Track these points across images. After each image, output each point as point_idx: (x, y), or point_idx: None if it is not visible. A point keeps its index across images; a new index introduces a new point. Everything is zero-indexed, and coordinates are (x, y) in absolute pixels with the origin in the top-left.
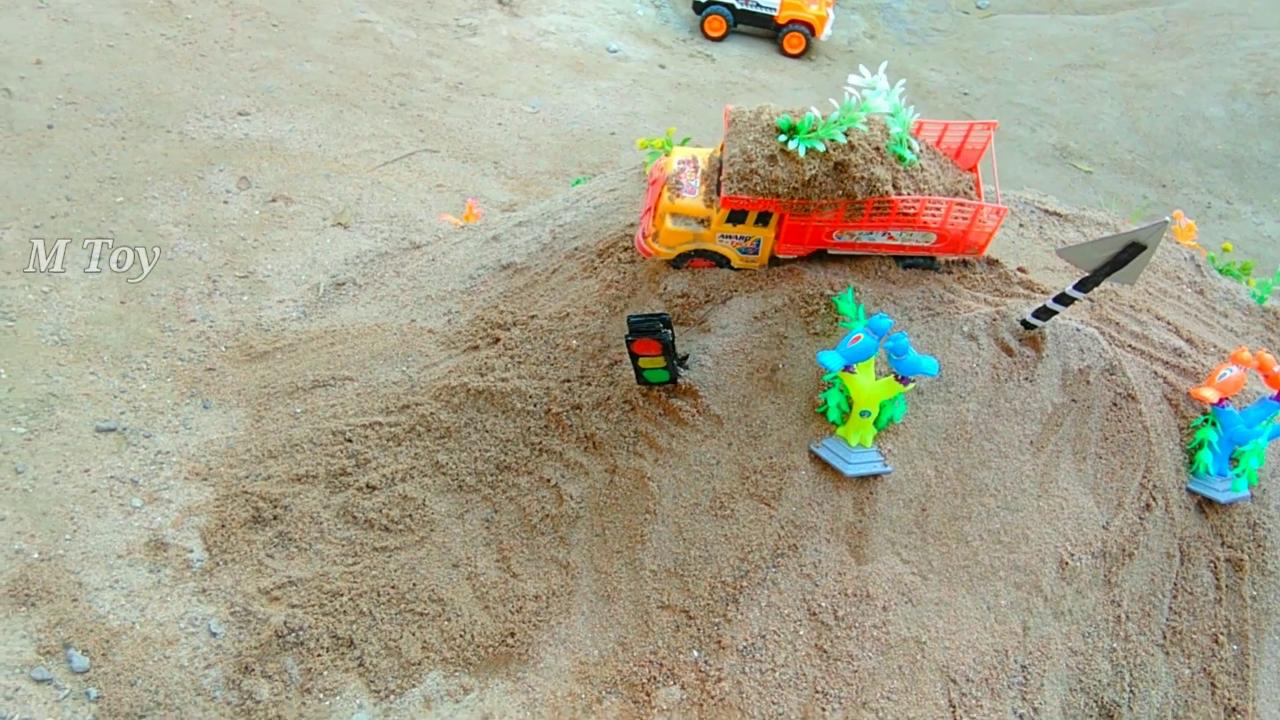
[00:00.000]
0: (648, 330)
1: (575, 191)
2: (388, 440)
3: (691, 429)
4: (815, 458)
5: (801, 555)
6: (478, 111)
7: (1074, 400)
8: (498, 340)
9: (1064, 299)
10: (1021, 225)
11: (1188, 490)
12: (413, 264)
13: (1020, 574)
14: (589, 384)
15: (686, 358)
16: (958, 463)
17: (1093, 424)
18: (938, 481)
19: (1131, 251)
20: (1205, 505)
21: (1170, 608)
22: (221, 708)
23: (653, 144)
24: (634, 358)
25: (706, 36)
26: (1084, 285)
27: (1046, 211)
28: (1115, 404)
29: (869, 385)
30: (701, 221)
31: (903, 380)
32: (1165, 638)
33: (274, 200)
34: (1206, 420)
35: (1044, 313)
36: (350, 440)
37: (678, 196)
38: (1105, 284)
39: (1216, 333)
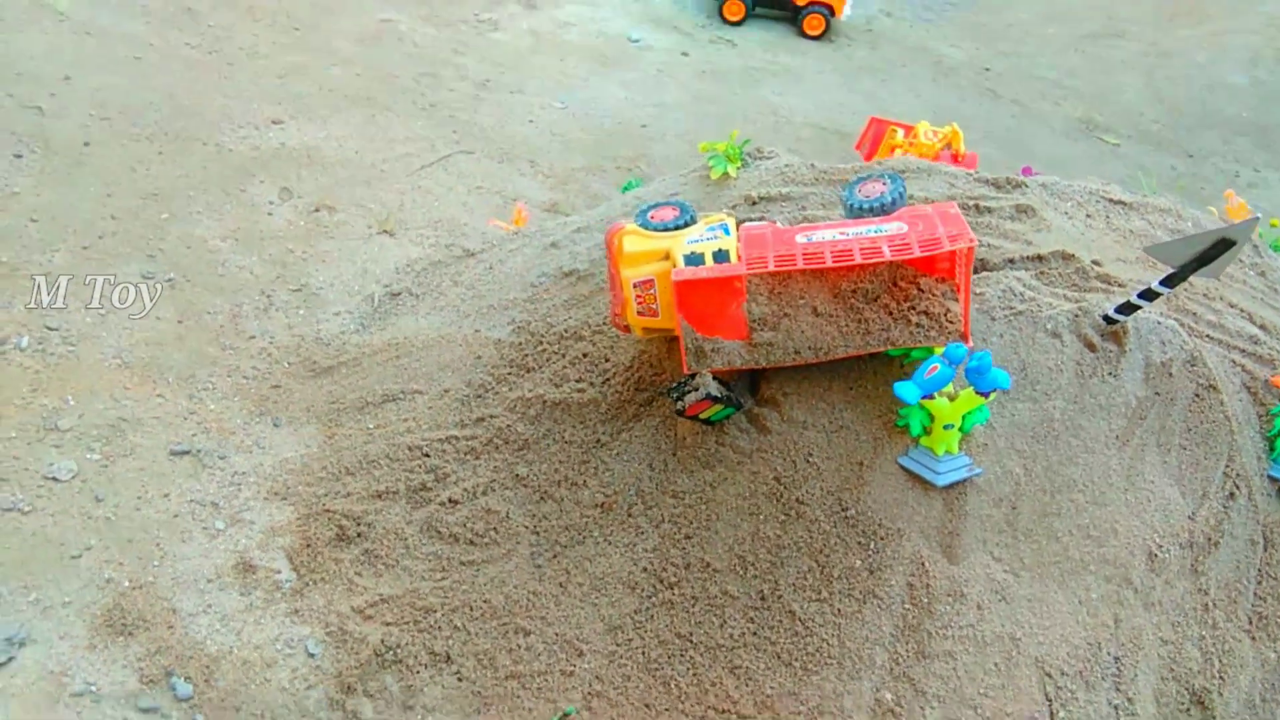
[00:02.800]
0: (684, 395)
1: (632, 196)
2: (465, 454)
3: (776, 435)
4: (904, 470)
5: (897, 557)
6: (508, 109)
7: (1157, 393)
8: (568, 350)
9: (1149, 294)
10: (1089, 216)
11: (1269, 477)
12: (469, 272)
13: (1110, 567)
14: (666, 392)
15: (734, 384)
16: (1045, 460)
17: (1176, 416)
18: (1027, 479)
19: (1221, 248)
20: None
21: (1255, 593)
22: None
23: (715, 147)
24: (693, 419)
25: (725, 21)
26: (1170, 281)
27: (1111, 200)
28: (1197, 395)
29: (949, 404)
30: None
31: (983, 394)
32: (1251, 623)
33: (317, 210)
34: None
35: (1127, 308)
36: (428, 455)
37: (644, 317)
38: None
39: None
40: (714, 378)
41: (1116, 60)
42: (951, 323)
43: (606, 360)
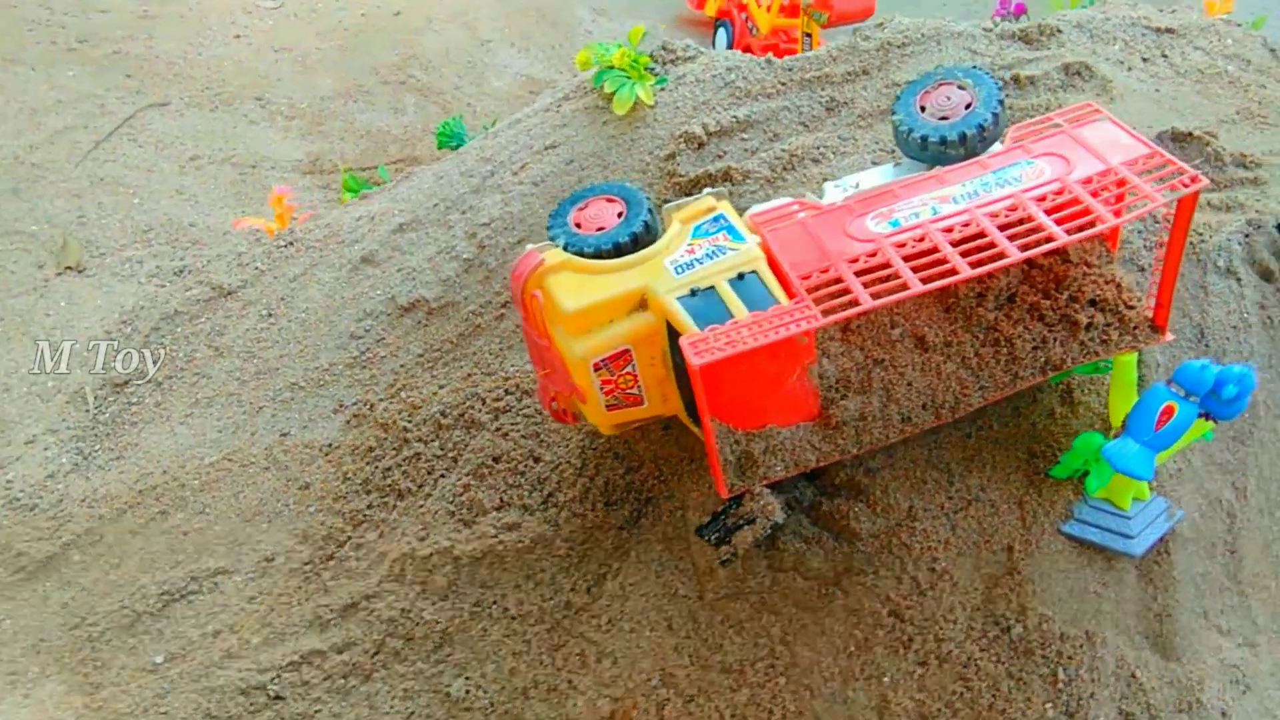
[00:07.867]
0: (729, 534)
1: (475, 156)
2: (345, 676)
3: (871, 540)
4: (1074, 542)
5: (1096, 677)
6: (198, 26)
7: None
8: (463, 452)
9: None
10: (1146, 60)
11: None
12: (235, 328)
13: None
14: (699, 532)
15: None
16: (1256, 466)
17: None
18: (1240, 504)
19: None
20: None
21: None
22: None
23: (604, 60)
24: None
25: None
26: None
27: (1158, 30)
28: None
29: None
30: None
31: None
32: None
33: None
34: None
35: None
36: (280, 696)
37: (620, 409)
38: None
39: None
40: (769, 489)
41: None
42: (1131, 308)
43: (535, 460)
